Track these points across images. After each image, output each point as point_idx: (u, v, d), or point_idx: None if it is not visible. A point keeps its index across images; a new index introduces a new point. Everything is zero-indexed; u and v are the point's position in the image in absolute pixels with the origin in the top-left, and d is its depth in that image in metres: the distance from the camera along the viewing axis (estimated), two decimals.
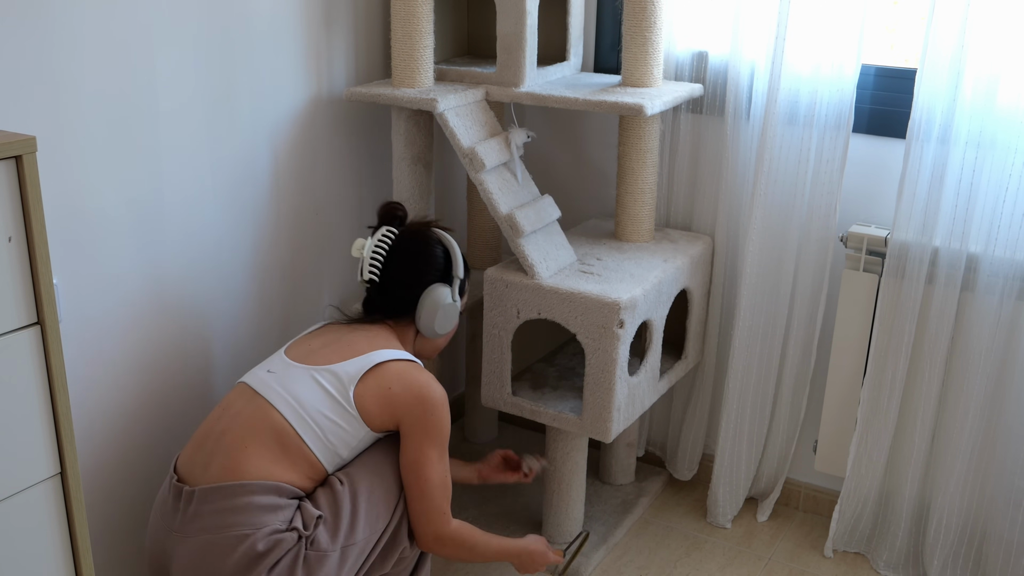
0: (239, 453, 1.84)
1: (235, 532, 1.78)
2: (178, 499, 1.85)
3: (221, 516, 1.80)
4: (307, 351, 1.99)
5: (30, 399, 1.44)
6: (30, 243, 1.40)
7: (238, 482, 1.81)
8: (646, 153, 2.44)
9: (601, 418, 2.26)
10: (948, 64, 2.13)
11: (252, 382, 1.94)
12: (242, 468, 1.83)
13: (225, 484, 1.81)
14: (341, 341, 2.00)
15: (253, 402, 1.90)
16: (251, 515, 1.79)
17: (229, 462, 1.84)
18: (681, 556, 2.55)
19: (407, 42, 2.32)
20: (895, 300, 2.32)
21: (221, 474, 1.83)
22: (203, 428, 1.93)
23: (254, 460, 1.84)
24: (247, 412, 1.89)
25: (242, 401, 1.92)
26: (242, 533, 1.78)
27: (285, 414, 1.87)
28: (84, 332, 1.95)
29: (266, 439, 1.86)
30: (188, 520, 1.82)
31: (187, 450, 1.92)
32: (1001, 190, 2.15)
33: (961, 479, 2.33)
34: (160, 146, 2.02)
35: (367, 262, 2.07)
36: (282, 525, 1.80)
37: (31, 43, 1.74)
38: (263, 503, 1.80)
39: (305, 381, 1.91)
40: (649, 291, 2.27)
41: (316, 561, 1.82)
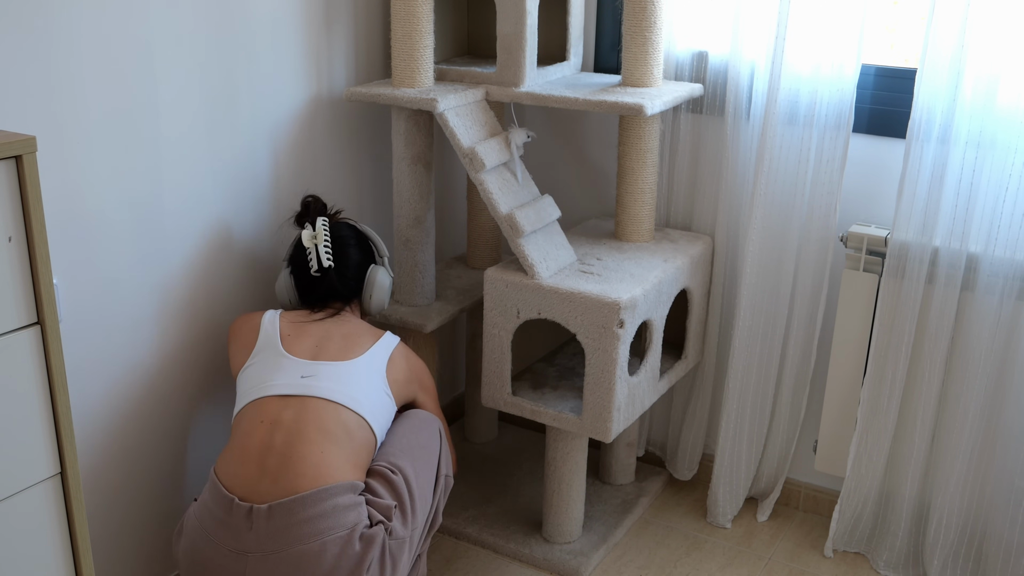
0: (315, 458, 1.85)
1: (329, 537, 1.79)
2: (247, 518, 1.82)
3: (310, 524, 1.80)
4: (316, 350, 2.02)
5: (30, 399, 1.44)
6: (30, 243, 1.40)
7: (321, 488, 1.82)
8: (646, 153, 2.44)
9: (601, 418, 2.26)
10: (948, 64, 2.13)
11: (290, 391, 1.94)
12: (320, 473, 1.84)
13: (306, 493, 1.81)
14: (345, 334, 2.08)
15: (308, 406, 1.91)
16: (339, 518, 1.81)
17: (307, 469, 1.84)
18: (681, 556, 2.55)
19: (407, 42, 2.32)
20: (895, 300, 2.32)
21: (299, 483, 1.83)
22: (251, 445, 1.89)
23: (330, 460, 1.86)
24: (308, 416, 1.90)
25: (291, 410, 1.91)
26: (337, 536, 1.80)
27: (349, 405, 1.95)
28: (84, 332, 1.95)
29: (336, 435, 1.90)
30: (269, 537, 1.80)
31: (238, 467, 1.88)
32: (1001, 190, 2.15)
33: (961, 479, 2.33)
34: (160, 146, 2.02)
35: (323, 250, 2.14)
36: (367, 521, 1.85)
37: (31, 43, 1.74)
38: (347, 503, 1.83)
39: (346, 374, 1.99)
40: (649, 291, 2.27)
41: (397, 549, 1.88)
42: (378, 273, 2.23)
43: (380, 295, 2.23)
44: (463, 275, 2.70)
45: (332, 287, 2.17)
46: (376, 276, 2.22)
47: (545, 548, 2.50)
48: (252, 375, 2.01)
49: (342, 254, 2.19)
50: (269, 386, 1.96)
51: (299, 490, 1.82)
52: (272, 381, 1.97)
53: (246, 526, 1.82)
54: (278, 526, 1.80)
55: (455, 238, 2.91)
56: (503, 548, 2.52)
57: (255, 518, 1.81)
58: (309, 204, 2.20)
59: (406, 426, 2.07)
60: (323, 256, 2.14)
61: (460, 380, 3.11)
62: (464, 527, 2.58)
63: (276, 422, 1.91)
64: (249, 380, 2.01)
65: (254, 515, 1.82)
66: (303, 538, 1.79)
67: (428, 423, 2.12)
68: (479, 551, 2.54)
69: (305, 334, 2.07)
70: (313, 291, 2.18)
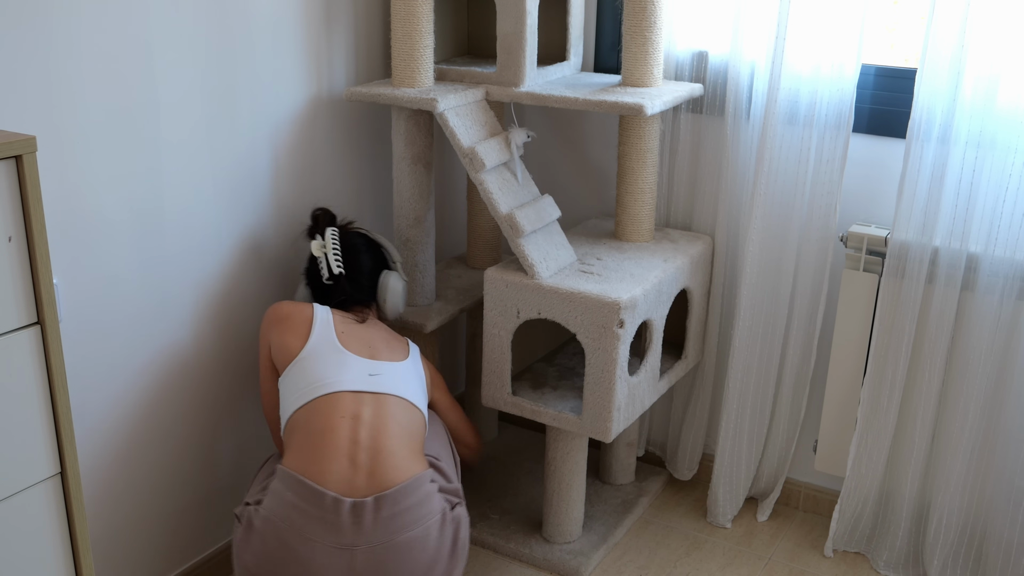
0: (398, 451, 1.97)
1: (431, 522, 1.92)
2: (353, 512, 1.88)
3: (412, 512, 1.91)
4: (370, 350, 2.12)
5: (30, 399, 1.45)
6: (30, 243, 1.40)
7: (414, 476, 1.94)
8: (646, 153, 2.44)
9: (601, 418, 2.26)
10: (948, 64, 2.13)
11: (363, 387, 2.03)
12: (403, 464, 1.97)
13: (405, 483, 1.92)
14: (381, 336, 2.20)
15: (383, 403, 2.02)
16: (432, 504, 1.95)
17: (396, 462, 1.95)
18: (681, 556, 2.55)
19: (407, 42, 2.32)
20: (895, 300, 2.32)
21: (393, 475, 1.93)
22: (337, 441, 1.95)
23: (408, 453, 1.99)
24: (385, 413, 2.01)
25: (369, 407, 2.01)
26: (435, 521, 1.93)
27: (415, 403, 2.09)
28: (84, 332, 1.95)
29: (408, 431, 2.02)
30: (377, 528, 1.88)
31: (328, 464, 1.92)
32: (1001, 190, 2.15)
33: (961, 479, 2.33)
34: (160, 146, 2.02)
35: (332, 258, 2.21)
36: (446, 504, 2.00)
37: (31, 43, 1.75)
38: (431, 491, 1.97)
39: (407, 374, 2.13)
40: (649, 291, 2.27)
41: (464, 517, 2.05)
42: (391, 278, 2.29)
43: (394, 299, 2.29)
44: (463, 275, 2.71)
45: (345, 293, 2.23)
46: (389, 281, 2.28)
47: (545, 548, 2.50)
48: (314, 369, 2.05)
49: (353, 261, 2.25)
50: (340, 382, 2.03)
51: (395, 482, 1.92)
52: (341, 377, 2.04)
53: (351, 520, 1.88)
54: (384, 517, 1.89)
55: (455, 238, 2.91)
56: (503, 548, 2.52)
57: (362, 512, 1.88)
58: (318, 216, 2.28)
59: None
60: (333, 264, 2.20)
61: (460, 380, 3.11)
62: None
63: (357, 417, 1.99)
64: (312, 374, 2.05)
65: (359, 509, 1.88)
66: (408, 525, 1.90)
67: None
68: (479, 551, 2.54)
69: (354, 334, 2.14)
70: (329, 299, 2.23)
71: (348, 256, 2.24)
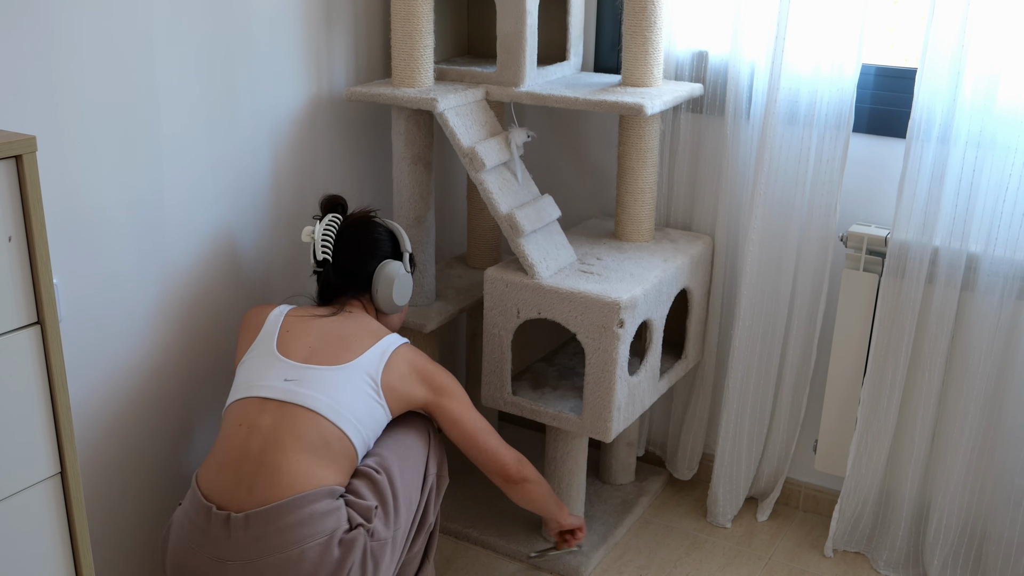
0: (290, 466, 1.83)
1: (308, 545, 1.78)
2: (225, 526, 1.81)
3: (288, 532, 1.79)
4: (309, 352, 1.98)
5: (30, 399, 1.44)
6: (30, 243, 1.40)
7: (297, 495, 1.81)
8: (646, 153, 2.44)
9: (601, 418, 2.26)
10: (948, 64, 2.13)
11: (272, 394, 1.91)
12: (296, 481, 1.82)
13: (283, 502, 1.80)
14: (344, 335, 2.02)
15: (287, 412, 1.88)
16: (317, 525, 1.80)
17: (281, 477, 1.82)
18: (681, 556, 2.55)
19: (407, 42, 2.32)
20: (895, 300, 2.32)
21: (274, 492, 1.81)
22: (229, 450, 1.89)
23: (305, 469, 1.84)
24: (286, 424, 1.87)
25: (270, 416, 1.89)
26: (316, 544, 1.79)
27: (329, 416, 1.89)
28: (84, 332, 1.95)
29: (313, 445, 1.86)
30: (247, 545, 1.80)
31: (216, 474, 1.88)
32: (1001, 190, 2.15)
33: (961, 479, 2.33)
34: (160, 146, 2.02)
35: (319, 244, 2.10)
36: (345, 525, 1.83)
37: (31, 43, 1.74)
38: (324, 509, 1.81)
39: (333, 380, 1.93)
40: (649, 291, 2.27)
41: (379, 551, 1.87)
42: (386, 268, 2.14)
43: (385, 290, 2.13)
44: (463, 275, 2.70)
45: (327, 282, 2.13)
46: (383, 270, 2.13)
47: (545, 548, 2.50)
48: (243, 372, 2.00)
49: (347, 248, 2.13)
50: (254, 387, 1.94)
51: (274, 499, 1.81)
52: (258, 382, 1.95)
53: (224, 535, 1.81)
54: (256, 535, 1.79)
55: (455, 238, 2.91)
56: (503, 548, 2.52)
57: (232, 527, 1.81)
58: (323, 202, 2.18)
59: (395, 425, 2.05)
60: (318, 250, 2.11)
61: (460, 380, 3.10)
62: (464, 527, 2.58)
63: (254, 427, 1.89)
64: (240, 377, 2.00)
65: (231, 524, 1.81)
66: (282, 547, 1.78)
67: (417, 423, 2.09)
68: (479, 551, 2.54)
69: (306, 332, 2.03)
70: (320, 289, 2.17)
71: (343, 244, 2.12)
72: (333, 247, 2.12)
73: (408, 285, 2.18)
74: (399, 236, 2.20)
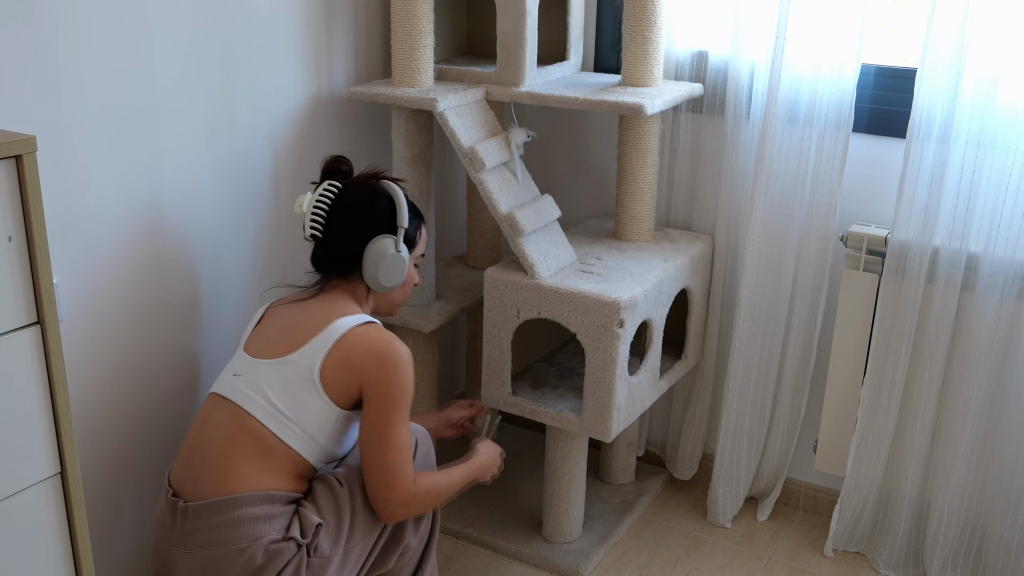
0: (225, 466, 1.81)
1: (232, 547, 1.77)
2: (174, 514, 1.84)
3: (216, 531, 1.78)
4: (264, 343, 1.92)
5: (30, 399, 1.44)
6: (30, 243, 1.40)
7: (229, 496, 1.79)
8: (646, 153, 2.44)
9: (601, 418, 2.26)
10: (948, 64, 2.13)
11: (222, 390, 1.90)
12: (230, 481, 1.80)
13: (216, 500, 1.80)
14: (295, 323, 1.92)
15: (228, 411, 1.87)
16: (245, 528, 1.77)
17: (218, 476, 1.81)
18: (681, 556, 2.55)
19: (407, 42, 2.32)
20: (895, 300, 2.32)
21: (211, 489, 1.81)
22: (188, 442, 1.90)
23: (241, 471, 1.81)
24: (224, 422, 1.85)
25: (218, 412, 1.88)
26: (238, 547, 1.77)
27: (259, 417, 1.83)
28: (84, 332, 1.95)
29: (248, 447, 1.83)
30: (186, 535, 1.82)
31: (177, 464, 1.91)
32: (1001, 190, 2.15)
33: (961, 479, 2.33)
34: (160, 146, 2.02)
35: (308, 218, 1.96)
36: (278, 535, 1.78)
37: (31, 43, 1.74)
38: (256, 514, 1.78)
39: (271, 377, 1.86)
40: (649, 291, 2.27)
41: (320, 567, 1.82)
42: (376, 244, 1.95)
43: (372, 267, 1.95)
44: (463, 275, 2.70)
45: (318, 257, 2.00)
46: (371, 248, 1.95)
47: (545, 548, 2.50)
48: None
49: (339, 223, 1.96)
50: (217, 383, 1.94)
51: (212, 495, 1.81)
52: (221, 377, 1.94)
53: (173, 521, 1.84)
54: (194, 527, 1.81)
55: (455, 238, 2.91)
56: (503, 548, 2.52)
57: (179, 515, 1.83)
58: (324, 168, 2.03)
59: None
60: (307, 225, 1.97)
61: (460, 380, 3.10)
62: (464, 527, 2.58)
63: (205, 422, 1.89)
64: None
65: (178, 512, 1.83)
66: (208, 544, 1.79)
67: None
68: (479, 551, 2.54)
69: (275, 322, 1.95)
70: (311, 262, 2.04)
71: (335, 217, 1.96)
72: (325, 221, 1.96)
73: (399, 265, 1.97)
74: (398, 206, 1.98)
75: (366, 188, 2.00)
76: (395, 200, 1.99)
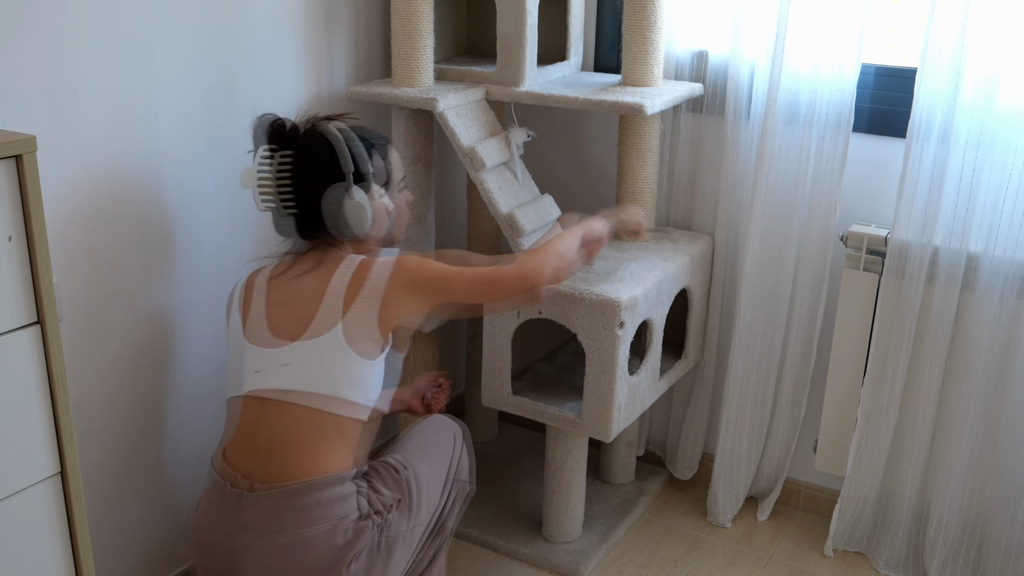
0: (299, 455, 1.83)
1: (317, 528, 1.80)
2: (238, 504, 1.84)
3: (299, 514, 1.80)
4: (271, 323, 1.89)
5: (30, 399, 1.45)
6: (30, 243, 1.40)
7: (305, 481, 1.81)
8: (646, 152, 2.44)
9: (601, 418, 2.26)
10: (948, 64, 2.13)
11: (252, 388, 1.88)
12: (307, 467, 1.82)
13: (295, 485, 1.81)
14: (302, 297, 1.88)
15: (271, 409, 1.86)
16: (325, 510, 1.81)
17: (292, 463, 1.83)
18: (681, 555, 2.55)
19: (407, 41, 2.32)
20: (895, 300, 2.32)
21: (286, 474, 1.83)
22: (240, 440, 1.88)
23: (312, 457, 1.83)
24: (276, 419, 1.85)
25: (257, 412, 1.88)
26: (325, 528, 1.80)
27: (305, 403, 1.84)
28: (84, 332, 1.95)
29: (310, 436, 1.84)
30: (258, 521, 1.82)
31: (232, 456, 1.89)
32: (1001, 190, 2.15)
33: (961, 479, 2.33)
34: (160, 145, 2.02)
35: (256, 193, 1.89)
36: (355, 513, 1.83)
37: (31, 43, 1.75)
38: (336, 495, 1.82)
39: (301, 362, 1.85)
40: (649, 291, 2.27)
41: (393, 543, 1.87)
42: (326, 203, 1.87)
43: (336, 225, 1.88)
44: None
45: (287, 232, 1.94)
46: (324, 207, 1.88)
47: (545, 548, 2.50)
48: (228, 362, 1.97)
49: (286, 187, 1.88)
50: (237, 384, 1.92)
51: (286, 480, 1.82)
52: (237, 379, 1.92)
53: (237, 511, 1.84)
54: (265, 514, 1.82)
55: (455, 238, 2.91)
56: (503, 548, 2.53)
57: (244, 504, 1.83)
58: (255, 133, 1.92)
59: (424, 426, 2.09)
60: (258, 200, 1.90)
61: (460, 380, 3.11)
62: (464, 527, 2.57)
63: (252, 423, 1.88)
64: (227, 367, 1.98)
65: (244, 501, 1.83)
66: (287, 527, 1.81)
67: (445, 427, 2.10)
68: (479, 551, 2.54)
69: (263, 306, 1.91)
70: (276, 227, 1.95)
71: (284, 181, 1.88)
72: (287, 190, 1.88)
73: (358, 210, 1.88)
74: (339, 151, 1.87)
75: (303, 142, 1.90)
76: (335, 146, 1.88)
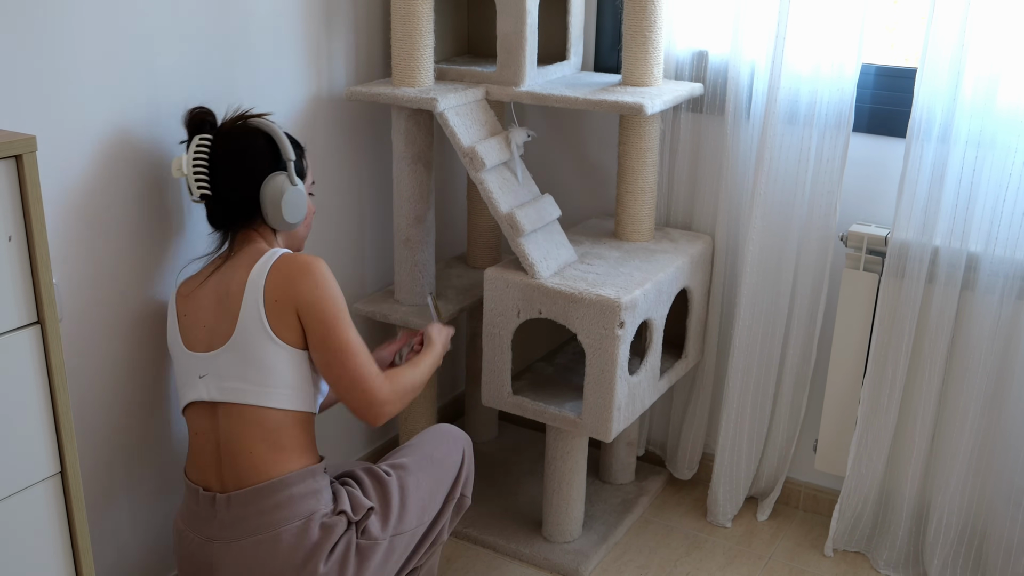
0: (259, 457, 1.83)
1: (286, 527, 1.80)
2: (212, 507, 1.85)
3: (267, 515, 1.81)
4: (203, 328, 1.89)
5: (30, 399, 1.45)
6: (30, 243, 1.40)
7: (274, 479, 1.82)
8: (646, 152, 2.44)
9: (601, 417, 2.26)
10: (948, 64, 2.13)
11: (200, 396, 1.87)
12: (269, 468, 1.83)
13: (261, 485, 1.81)
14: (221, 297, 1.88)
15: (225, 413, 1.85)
16: (297, 506, 1.81)
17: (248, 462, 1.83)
18: (681, 555, 2.55)
19: (407, 41, 2.32)
20: (895, 300, 2.32)
21: (248, 476, 1.83)
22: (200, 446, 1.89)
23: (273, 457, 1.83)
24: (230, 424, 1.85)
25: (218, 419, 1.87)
26: (294, 526, 1.80)
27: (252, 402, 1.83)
28: (84, 332, 1.95)
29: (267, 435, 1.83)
30: (229, 525, 1.83)
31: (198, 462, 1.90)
32: (1001, 189, 2.15)
33: (961, 479, 2.33)
34: (160, 146, 2.02)
35: (192, 179, 1.90)
36: (327, 508, 1.84)
37: (31, 43, 1.74)
38: (303, 491, 1.83)
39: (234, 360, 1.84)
40: (649, 291, 2.27)
41: (368, 549, 1.87)
42: (271, 184, 1.89)
43: (273, 208, 1.90)
44: (463, 275, 2.70)
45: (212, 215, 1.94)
46: (266, 189, 1.89)
47: (545, 548, 2.50)
48: (176, 373, 1.97)
49: (222, 175, 1.90)
50: (184, 393, 1.92)
51: (253, 482, 1.83)
52: (183, 389, 1.92)
53: (211, 515, 1.85)
54: (240, 514, 1.82)
55: (455, 238, 2.91)
56: (503, 548, 2.53)
57: (217, 507, 1.84)
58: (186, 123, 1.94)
59: (429, 437, 2.09)
60: (193, 188, 1.90)
61: (460, 380, 3.11)
62: (464, 527, 2.57)
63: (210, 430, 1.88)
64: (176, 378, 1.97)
65: (216, 504, 1.84)
66: (259, 528, 1.81)
67: (455, 440, 2.10)
68: (479, 551, 2.54)
69: (195, 309, 1.91)
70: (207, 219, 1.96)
71: (218, 169, 1.89)
72: (210, 175, 1.89)
73: (298, 198, 1.92)
74: (278, 141, 1.91)
75: (239, 132, 1.94)
76: (274, 136, 1.92)
